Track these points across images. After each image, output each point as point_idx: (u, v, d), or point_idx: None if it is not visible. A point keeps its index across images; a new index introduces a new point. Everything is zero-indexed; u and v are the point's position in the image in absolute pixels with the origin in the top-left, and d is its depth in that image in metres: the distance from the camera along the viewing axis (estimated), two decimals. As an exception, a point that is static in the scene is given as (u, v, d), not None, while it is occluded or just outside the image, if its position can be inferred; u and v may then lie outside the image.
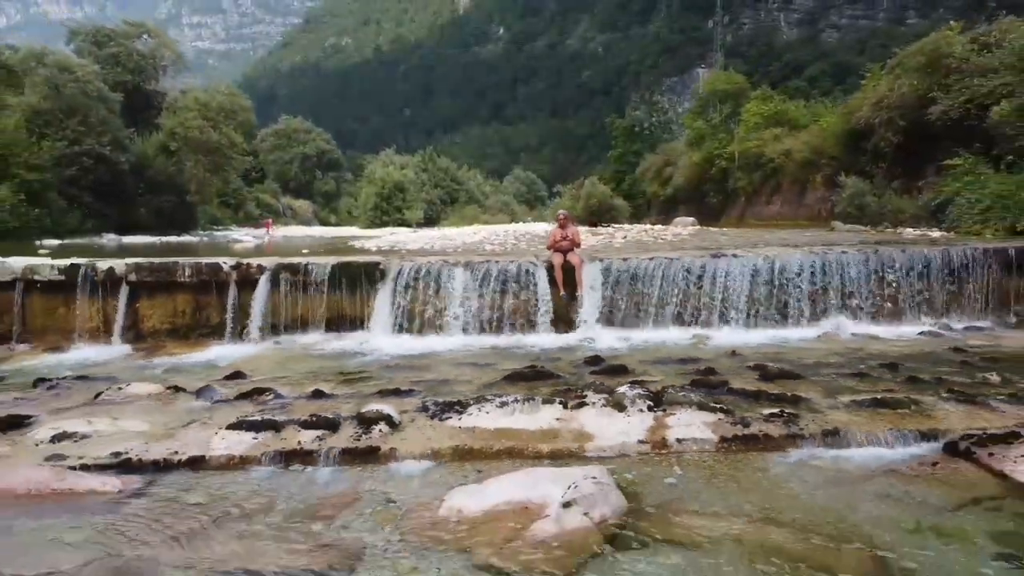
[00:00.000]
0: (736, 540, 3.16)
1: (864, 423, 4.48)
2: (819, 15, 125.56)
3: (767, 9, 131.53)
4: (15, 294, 7.62)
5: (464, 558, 2.98)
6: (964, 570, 2.90)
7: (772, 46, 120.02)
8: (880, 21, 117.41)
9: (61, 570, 2.92)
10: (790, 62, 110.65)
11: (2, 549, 3.11)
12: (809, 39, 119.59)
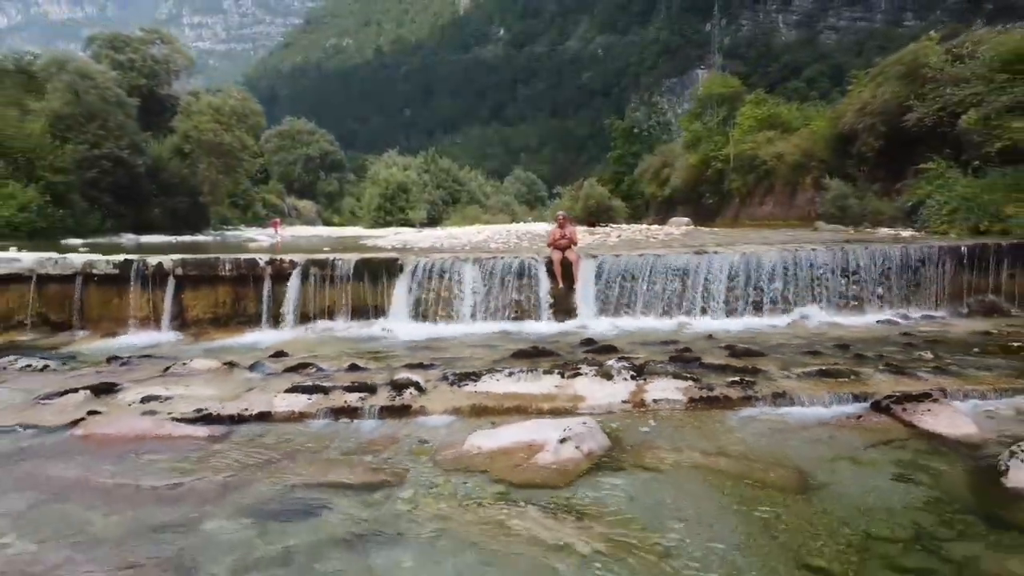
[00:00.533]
0: (693, 466, 4.13)
1: (808, 388, 5.44)
2: (817, 17, 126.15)
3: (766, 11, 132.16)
4: (75, 287, 8.58)
5: (484, 476, 3.94)
6: (866, 484, 3.87)
7: (770, 47, 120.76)
8: (877, 23, 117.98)
9: (182, 482, 3.89)
10: (788, 63, 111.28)
11: (128, 473, 4.07)
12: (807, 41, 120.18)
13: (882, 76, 18.51)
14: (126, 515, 3.51)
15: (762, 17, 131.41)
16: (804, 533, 3.25)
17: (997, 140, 12.73)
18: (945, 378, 5.70)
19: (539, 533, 3.24)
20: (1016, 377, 5.72)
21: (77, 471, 4.11)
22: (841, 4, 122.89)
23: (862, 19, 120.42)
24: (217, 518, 3.45)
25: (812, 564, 2.98)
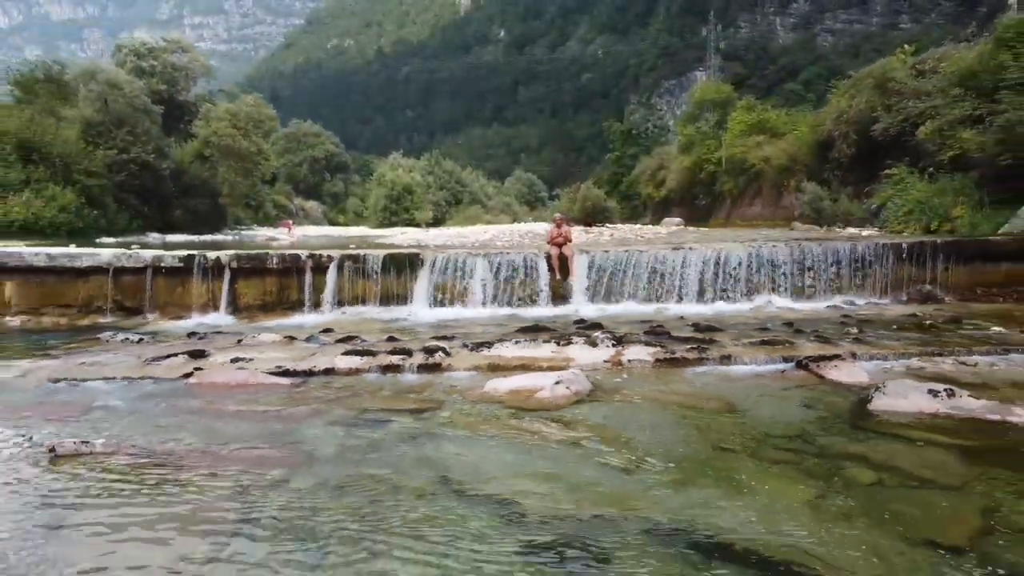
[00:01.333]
0: (652, 399, 5.67)
1: (749, 352, 6.98)
2: (814, 19, 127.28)
3: (763, 13, 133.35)
4: (146, 277, 10.12)
5: (499, 405, 5.48)
6: (776, 409, 5.39)
7: (768, 50, 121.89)
8: (874, 25, 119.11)
9: (281, 409, 5.43)
10: (786, 65, 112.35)
11: (240, 404, 5.60)
12: (804, 43, 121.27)
13: (855, 88, 20.05)
14: (247, 427, 5.03)
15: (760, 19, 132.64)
16: (723, 433, 4.79)
17: (949, 149, 14.26)
18: (859, 346, 7.24)
19: (538, 431, 4.79)
20: (914, 345, 7.26)
21: (201, 404, 5.65)
22: (838, 7, 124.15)
23: (858, 22, 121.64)
24: (314, 427, 4.98)
25: (724, 447, 4.52)
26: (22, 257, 10.10)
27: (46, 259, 10.11)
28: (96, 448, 4.35)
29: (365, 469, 4.12)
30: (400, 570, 2.92)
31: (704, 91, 41.24)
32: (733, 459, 4.31)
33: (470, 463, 4.22)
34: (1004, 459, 4.24)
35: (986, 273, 11.05)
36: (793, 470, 4.10)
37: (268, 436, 4.79)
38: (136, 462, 4.22)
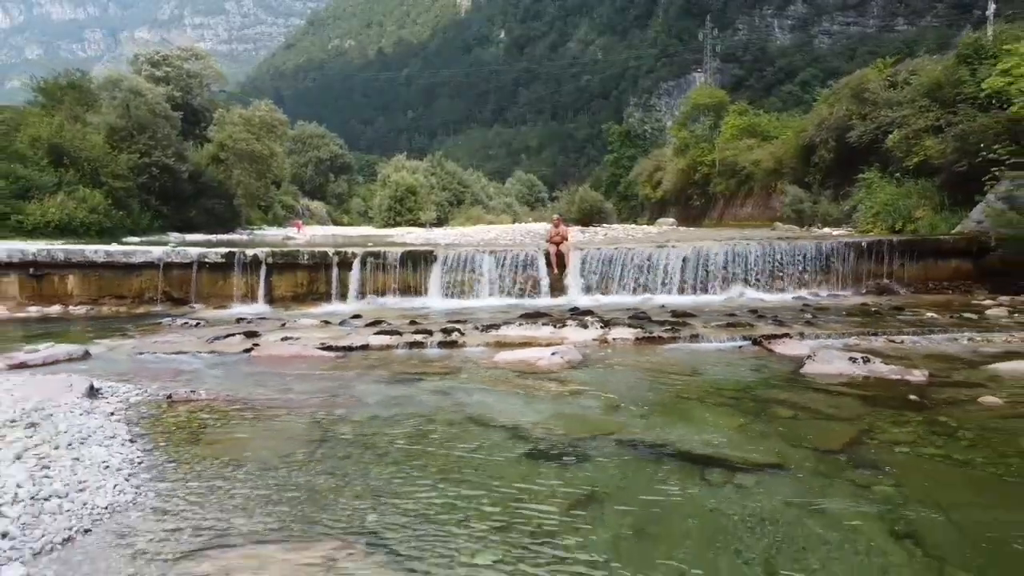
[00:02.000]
0: (630, 367, 7.02)
1: (715, 333, 8.34)
2: (812, 21, 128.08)
3: (761, 15, 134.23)
4: (192, 271, 11.47)
5: (506, 370, 6.84)
6: (729, 372, 6.74)
7: (766, 51, 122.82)
8: (870, 27, 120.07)
9: (331, 372, 6.78)
10: (783, 67, 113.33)
11: (298, 369, 6.94)
12: (802, 45, 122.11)
13: (834, 97, 21.41)
14: (308, 384, 6.37)
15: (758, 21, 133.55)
16: (683, 387, 6.14)
17: (914, 156, 15.60)
18: (808, 328, 8.59)
19: (538, 386, 6.15)
20: (855, 327, 8.62)
21: (266, 369, 7.00)
22: (835, 9, 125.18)
23: (855, 24, 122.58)
24: (362, 384, 6.33)
25: (683, 396, 5.86)
26: (84, 254, 11.46)
27: (104, 256, 11.47)
28: (200, 396, 5.71)
29: (406, 409, 5.48)
30: (439, 464, 4.26)
31: (698, 96, 42.61)
32: (688, 404, 5.67)
33: (485, 405, 5.58)
34: (891, 403, 5.59)
35: (937, 268, 12.42)
36: (732, 410, 5.46)
37: (327, 389, 6.14)
38: (232, 405, 5.57)
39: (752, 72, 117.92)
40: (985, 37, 17.71)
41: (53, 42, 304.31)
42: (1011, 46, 13.29)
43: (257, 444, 4.62)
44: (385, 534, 3.25)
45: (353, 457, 4.38)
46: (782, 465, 4.22)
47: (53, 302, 11.36)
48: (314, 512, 3.50)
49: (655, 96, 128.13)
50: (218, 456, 4.35)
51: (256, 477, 4.00)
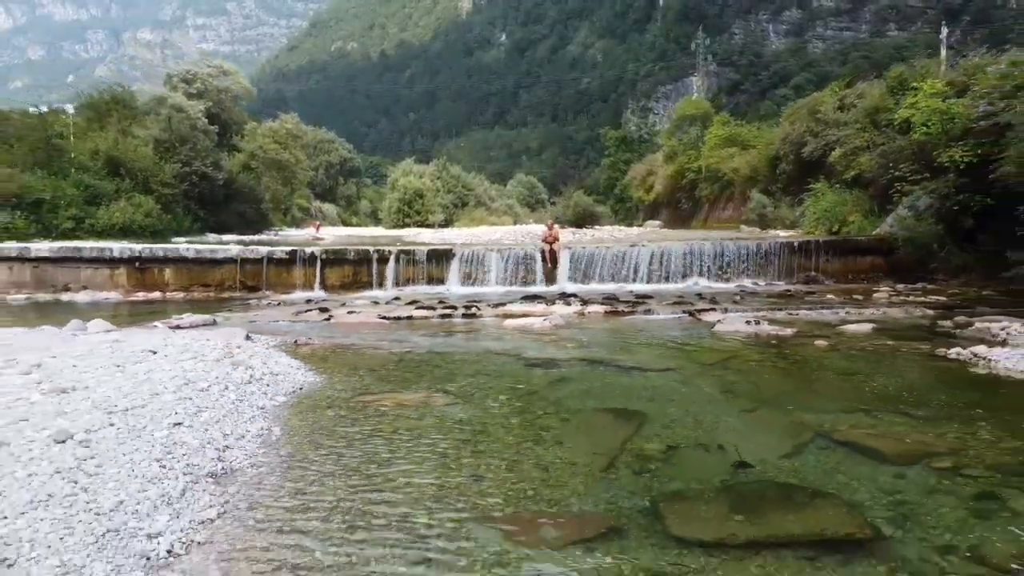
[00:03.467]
0: (598, 329, 10.15)
1: (664, 308, 11.46)
2: (806, 26, 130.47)
3: (757, 20, 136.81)
4: (263, 265, 14.58)
5: (510, 333, 9.96)
6: (667, 332, 9.85)
7: (761, 55, 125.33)
8: (863, 33, 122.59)
9: (393, 332, 9.90)
10: (778, 71, 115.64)
11: (368, 329, 10.05)
12: (796, 49, 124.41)
13: (795, 115, 24.51)
14: (377, 337, 9.46)
15: (753, 26, 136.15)
16: (633, 339, 9.24)
17: (851, 170, 18.66)
18: (733, 305, 11.70)
19: (535, 338, 9.28)
20: (767, 306, 11.73)
21: (345, 330, 10.10)
22: (828, 14, 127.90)
23: (848, 29, 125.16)
24: (414, 337, 9.43)
25: (629, 342, 8.97)
26: (178, 252, 14.59)
27: (194, 253, 14.60)
28: (314, 342, 8.82)
29: (447, 347, 8.60)
30: (474, 368, 7.36)
31: (686, 107, 45.73)
32: (630, 345, 8.78)
33: (499, 345, 8.71)
34: (760, 344, 8.69)
35: (856, 263, 15.53)
36: (658, 348, 8.56)
37: (392, 339, 9.26)
38: (336, 347, 8.68)
39: (748, 76, 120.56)
40: (938, 62, 20.75)
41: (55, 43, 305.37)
42: (919, 83, 16.36)
43: (363, 362, 7.74)
44: (448, 389, 6.35)
45: (422, 366, 7.51)
46: (675, 369, 7.34)
47: (153, 289, 14.46)
48: (409, 383, 6.61)
49: (653, 99, 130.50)
50: (344, 365, 7.48)
51: (370, 372, 7.12)
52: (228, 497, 3.75)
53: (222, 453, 4.29)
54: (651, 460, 4.47)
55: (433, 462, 4.44)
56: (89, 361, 6.28)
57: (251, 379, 6.13)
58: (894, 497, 3.87)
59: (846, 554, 3.22)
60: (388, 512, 3.64)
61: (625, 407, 5.72)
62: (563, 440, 4.93)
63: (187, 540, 3.22)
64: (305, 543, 3.28)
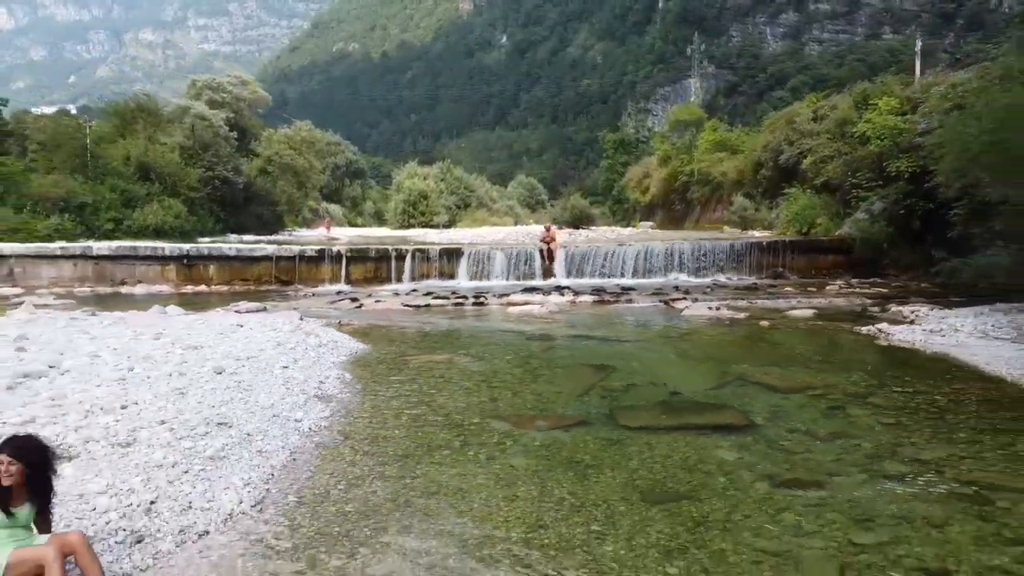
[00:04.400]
0: (586, 314, 12.20)
1: (643, 298, 13.50)
2: (803, 29, 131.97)
3: (754, 23, 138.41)
4: (295, 262, 16.60)
5: (513, 317, 12.00)
6: (645, 316, 11.90)
7: (759, 58, 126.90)
8: (858, 36, 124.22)
9: (417, 315, 11.94)
10: (775, 73, 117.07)
11: (395, 315, 12.07)
12: (793, 52, 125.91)
13: (775, 124, 26.53)
14: (405, 319, 11.48)
15: (751, 29, 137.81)
16: (615, 321, 11.26)
17: (820, 176, 20.64)
18: (703, 296, 13.72)
19: (532, 320, 11.31)
20: (731, 296, 13.75)
21: (373, 315, 12.13)
22: (825, 18, 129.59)
23: (844, 32, 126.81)
24: (434, 318, 11.45)
25: (610, 323, 10.99)
26: (220, 250, 16.63)
27: (235, 251, 16.64)
28: (353, 323, 10.84)
29: (462, 327, 10.63)
30: (485, 341, 9.38)
31: (679, 113, 47.74)
32: (613, 326, 10.80)
33: (503, 325, 10.74)
34: (715, 324, 10.70)
35: (819, 261, 17.54)
36: (632, 326, 10.59)
37: (417, 321, 11.28)
38: (371, 326, 10.70)
39: (745, 78, 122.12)
40: (911, 79, 22.70)
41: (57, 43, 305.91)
42: (876, 100, 18.36)
43: (396, 336, 9.77)
44: (466, 353, 8.37)
45: (444, 338, 9.55)
46: (643, 340, 9.39)
47: (199, 283, 16.47)
48: (435, 348, 8.63)
49: (652, 101, 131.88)
50: (383, 338, 9.50)
51: (404, 342, 9.15)
52: (331, 408, 5.77)
53: (320, 386, 6.31)
54: (613, 391, 6.50)
55: (460, 393, 6.47)
56: (194, 331, 8.31)
57: (320, 344, 8.15)
58: (772, 409, 5.89)
59: (728, 432, 5.23)
60: (434, 416, 5.66)
61: (600, 363, 7.73)
62: (552, 381, 6.96)
63: (316, 426, 5.24)
64: (384, 431, 5.30)
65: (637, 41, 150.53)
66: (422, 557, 3.23)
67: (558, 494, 4.01)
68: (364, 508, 3.80)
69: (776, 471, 4.38)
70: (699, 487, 4.13)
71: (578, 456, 4.69)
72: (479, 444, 4.95)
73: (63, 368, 5.92)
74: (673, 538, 3.42)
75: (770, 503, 3.87)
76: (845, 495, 3.97)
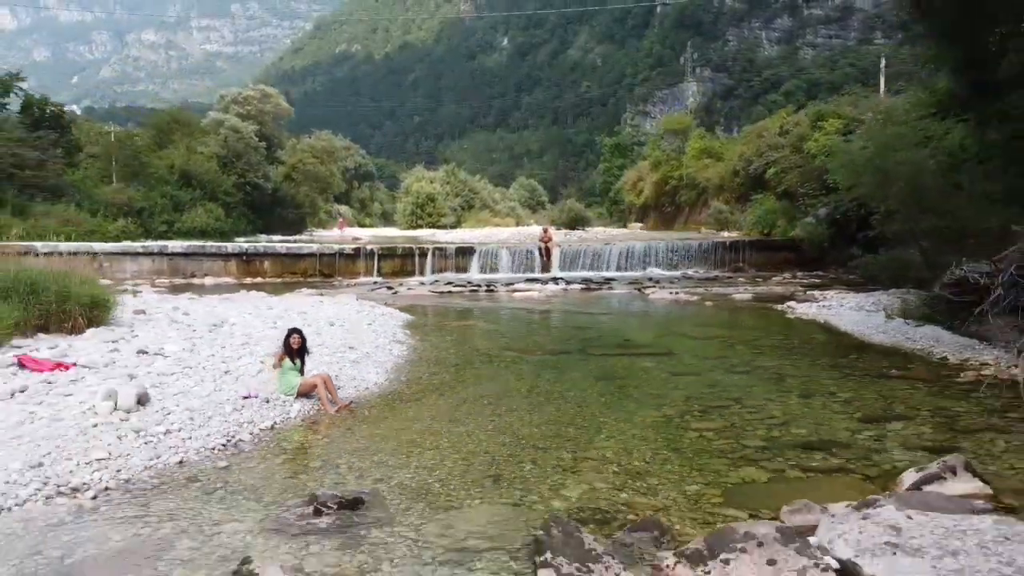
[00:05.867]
0: (575, 299, 15.58)
1: (621, 287, 16.89)
2: (797, 34, 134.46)
3: (750, 28, 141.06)
4: (336, 258, 19.97)
5: (520, 300, 15.38)
6: (620, 299, 15.27)
7: (754, 62, 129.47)
8: (851, 40, 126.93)
9: (443, 298, 15.33)
10: (769, 77, 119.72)
11: (427, 298, 15.44)
12: (787, 56, 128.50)
13: (748, 137, 29.88)
14: (433, 302, 14.83)
15: (747, 33, 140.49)
16: (596, 304, 14.63)
17: (780, 184, 23.96)
18: (669, 285, 17.08)
19: (532, 302, 14.69)
20: (694, 285, 17.12)
21: (408, 300, 15.49)
22: (818, 23, 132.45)
23: (837, 37, 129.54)
24: (455, 301, 14.81)
25: (591, 303, 14.36)
26: (274, 248, 20.02)
27: (286, 249, 20.02)
28: (397, 304, 14.20)
29: (478, 306, 14.00)
30: (495, 315, 12.74)
31: (668, 122, 51.15)
32: (594, 306, 14.18)
33: (510, 305, 14.13)
34: (670, 305, 14.06)
35: (773, 257, 20.88)
36: (611, 306, 13.96)
37: (442, 303, 14.66)
38: (411, 306, 14.06)
39: (741, 82, 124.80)
40: (874, 97, 25.99)
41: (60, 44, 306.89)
42: (824, 121, 21.70)
43: (431, 312, 13.15)
44: (484, 320, 11.74)
45: (467, 313, 12.92)
46: (614, 313, 12.78)
47: (256, 276, 19.82)
48: (461, 318, 12.00)
49: (650, 103, 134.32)
50: (421, 312, 12.89)
51: (437, 316, 12.53)
52: (407, 347, 9.13)
53: (394, 335, 9.68)
54: (587, 340, 9.86)
55: (484, 340, 9.85)
56: (291, 305, 11.67)
57: (382, 314, 11.53)
58: (686, 347, 9.25)
59: (654, 356, 8.56)
60: (469, 350, 9.03)
61: (580, 326, 11.10)
62: (546, 335, 10.35)
63: (401, 354, 8.60)
64: (441, 355, 8.67)
65: (636, 45, 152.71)
66: (473, 397, 6.59)
67: (545, 377, 7.39)
68: (439, 383, 7.19)
69: (675, 370, 7.75)
70: (627, 375, 7.51)
71: (559, 366, 8.07)
72: (499, 361, 8.35)
73: (231, 322, 9.29)
74: (607, 393, 6.77)
75: (665, 380, 7.24)
76: (709, 378, 7.33)
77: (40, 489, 4.02)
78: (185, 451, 4.79)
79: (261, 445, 5.13)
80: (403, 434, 5.39)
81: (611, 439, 5.18)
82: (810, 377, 7.29)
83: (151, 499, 4.05)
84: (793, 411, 5.93)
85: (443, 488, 4.24)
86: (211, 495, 4.13)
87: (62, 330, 8.30)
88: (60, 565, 3.25)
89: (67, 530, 3.63)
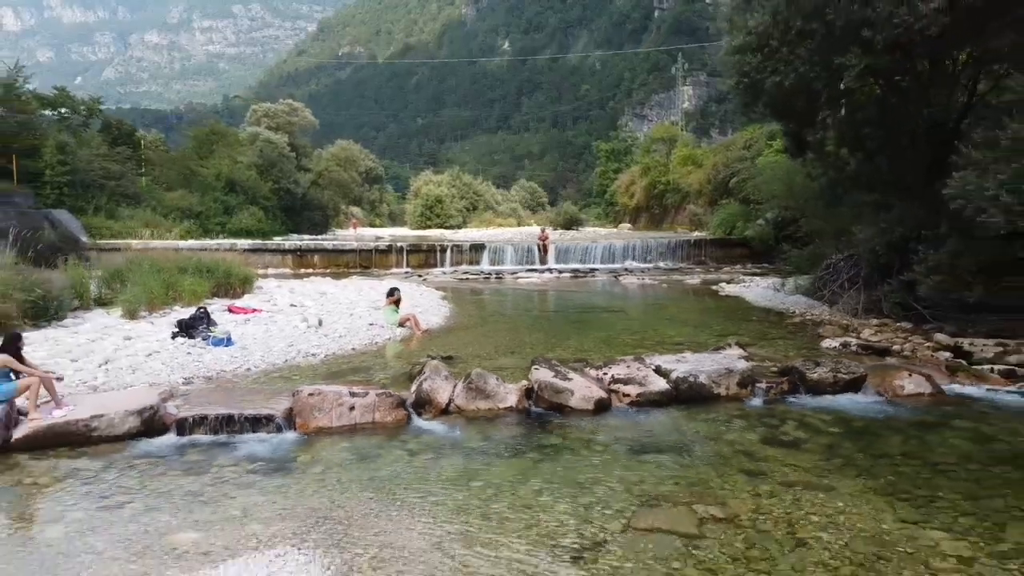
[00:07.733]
0: (566, 284, 20.20)
1: (602, 275, 21.51)
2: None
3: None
4: (372, 252, 24.55)
5: (524, 285, 19.99)
6: (598, 284, 19.89)
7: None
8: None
9: (465, 282, 19.95)
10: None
11: (453, 286, 20.05)
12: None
13: (718, 149, 34.48)
14: (458, 285, 19.42)
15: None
16: (584, 288, 19.22)
17: (742, 191, 28.49)
18: (640, 273, 21.67)
19: (532, 286, 19.31)
20: (660, 273, 21.72)
21: (436, 285, 20.08)
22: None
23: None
24: (475, 285, 19.40)
25: (578, 287, 18.96)
26: (322, 245, 24.62)
27: (331, 245, 24.60)
28: (427, 283, 18.80)
29: (490, 288, 18.63)
30: (503, 295, 17.33)
31: (656, 132, 55.77)
32: (581, 287, 18.77)
33: (515, 287, 18.75)
34: (640, 288, 18.65)
35: (731, 252, 25.49)
36: (593, 288, 18.56)
37: (464, 286, 19.25)
38: (445, 287, 18.65)
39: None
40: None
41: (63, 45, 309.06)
42: (774, 140, 26.26)
43: (457, 291, 17.75)
44: (495, 296, 16.35)
45: (482, 292, 17.54)
46: (593, 292, 17.38)
47: (308, 267, 24.36)
48: (481, 294, 16.59)
49: (647, 107, 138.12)
50: (450, 291, 17.48)
51: (463, 292, 17.13)
52: (449, 309, 13.71)
53: (440, 301, 14.27)
54: (569, 305, 14.48)
55: (498, 306, 14.53)
56: (356, 285, 16.25)
57: (426, 290, 16.12)
58: (637, 308, 13.85)
59: (614, 313, 13.15)
60: (490, 311, 13.67)
61: (567, 300, 15.67)
62: (542, 305, 14.94)
63: (449, 310, 13.20)
64: (473, 312, 13.28)
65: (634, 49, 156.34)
66: (495, 330, 11.19)
67: (540, 327, 11.99)
68: (474, 323, 11.80)
69: (621, 319, 12.35)
70: (591, 321, 12.11)
71: (548, 318, 12.71)
72: (510, 315, 12.97)
73: (329, 293, 13.87)
74: (576, 326, 11.35)
75: (613, 323, 11.83)
76: (640, 321, 11.92)
77: (295, 356, 8.63)
78: (352, 346, 9.40)
79: (387, 345, 9.74)
80: (460, 341, 10.01)
81: (573, 341, 9.80)
82: (704, 321, 11.90)
83: (352, 359, 8.67)
84: (680, 333, 10.54)
85: (487, 354, 8.87)
86: (377, 359, 8.75)
87: (228, 295, 12.95)
88: (339, 368, 7.89)
89: (310, 368, 8.27)
